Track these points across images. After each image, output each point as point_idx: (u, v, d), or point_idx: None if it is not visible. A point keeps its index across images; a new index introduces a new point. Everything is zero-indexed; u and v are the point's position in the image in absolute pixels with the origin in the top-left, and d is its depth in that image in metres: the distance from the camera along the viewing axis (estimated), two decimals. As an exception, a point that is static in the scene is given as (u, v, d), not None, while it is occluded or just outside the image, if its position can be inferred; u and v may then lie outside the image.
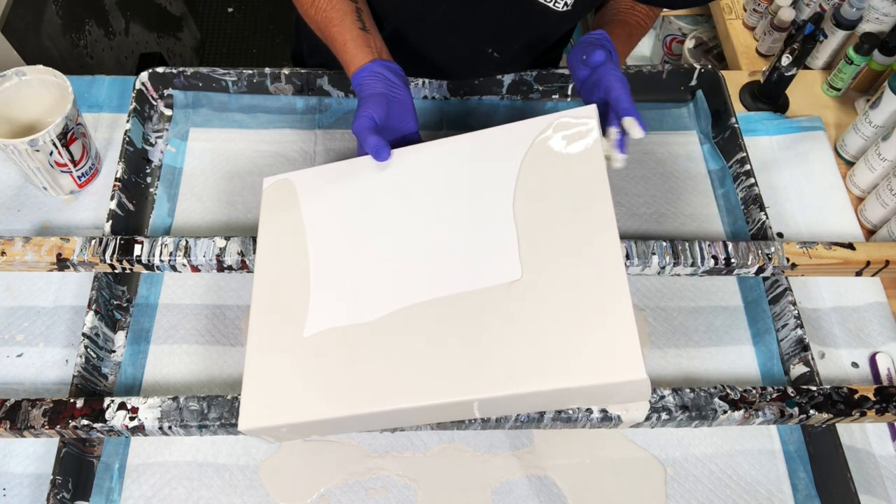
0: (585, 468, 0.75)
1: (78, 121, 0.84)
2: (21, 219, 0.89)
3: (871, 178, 0.93)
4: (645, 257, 0.78)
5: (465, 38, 0.88)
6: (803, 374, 0.78)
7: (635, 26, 0.86)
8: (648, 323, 0.84)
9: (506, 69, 0.95)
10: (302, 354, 0.65)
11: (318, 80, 0.96)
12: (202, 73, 0.95)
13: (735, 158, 0.93)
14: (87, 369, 0.75)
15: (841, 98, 1.07)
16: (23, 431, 0.68)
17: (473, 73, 0.95)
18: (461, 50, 0.91)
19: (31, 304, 0.83)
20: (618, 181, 0.95)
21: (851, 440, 0.77)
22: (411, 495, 0.73)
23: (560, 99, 1.00)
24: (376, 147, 0.71)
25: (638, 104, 0.99)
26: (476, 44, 0.89)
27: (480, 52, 0.90)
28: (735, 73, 1.10)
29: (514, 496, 0.73)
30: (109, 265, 0.77)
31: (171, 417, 0.68)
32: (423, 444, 0.75)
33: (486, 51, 0.89)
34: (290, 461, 0.74)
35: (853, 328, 0.85)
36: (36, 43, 1.33)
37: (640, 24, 0.87)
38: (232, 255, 0.77)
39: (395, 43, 0.81)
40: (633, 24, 0.86)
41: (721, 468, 0.76)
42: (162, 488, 0.72)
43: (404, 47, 0.85)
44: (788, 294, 0.81)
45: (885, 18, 1.03)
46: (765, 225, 0.86)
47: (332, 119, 0.98)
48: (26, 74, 0.85)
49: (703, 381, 0.81)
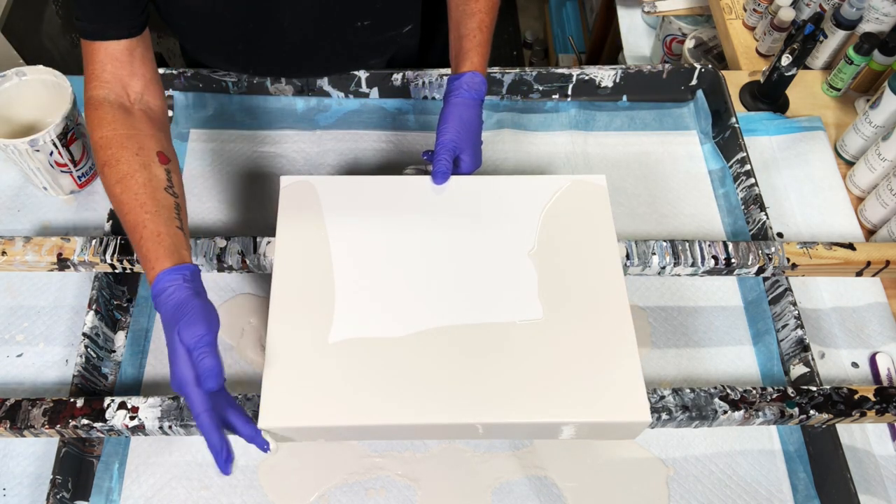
0: (585, 468, 0.75)
1: (78, 121, 0.85)
2: (21, 219, 0.89)
3: (871, 178, 0.93)
4: (645, 257, 0.78)
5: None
6: (803, 374, 0.78)
7: (478, 13, 0.79)
8: (649, 323, 0.84)
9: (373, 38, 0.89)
10: (326, 359, 0.66)
11: (318, 80, 0.96)
12: (202, 74, 0.95)
13: (735, 158, 0.93)
14: (88, 369, 0.75)
15: (841, 98, 1.07)
16: (23, 431, 0.68)
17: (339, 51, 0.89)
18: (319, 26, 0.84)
19: (31, 304, 0.83)
20: (618, 181, 0.95)
21: (851, 440, 0.77)
22: (411, 495, 0.73)
23: (560, 99, 1.00)
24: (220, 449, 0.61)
25: (638, 104, 1.00)
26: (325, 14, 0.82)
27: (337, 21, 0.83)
28: (735, 73, 1.10)
29: (514, 496, 0.73)
30: (110, 265, 0.77)
31: (171, 417, 0.68)
32: (423, 443, 0.75)
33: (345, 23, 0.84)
34: (289, 461, 0.74)
35: (853, 328, 0.85)
36: (36, 43, 1.34)
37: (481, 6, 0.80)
38: (232, 255, 0.77)
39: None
40: (476, 11, 0.79)
41: (721, 468, 0.76)
42: (162, 488, 0.72)
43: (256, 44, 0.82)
44: (788, 294, 0.81)
45: (885, 18, 1.03)
46: (765, 225, 0.86)
47: (332, 119, 0.98)
48: (26, 74, 0.85)
49: (703, 381, 0.81)
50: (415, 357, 0.67)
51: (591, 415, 0.64)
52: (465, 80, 0.76)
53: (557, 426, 0.66)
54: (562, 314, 0.69)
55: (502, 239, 0.74)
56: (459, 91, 0.76)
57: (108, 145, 0.67)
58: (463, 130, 0.76)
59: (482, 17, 0.79)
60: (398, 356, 0.67)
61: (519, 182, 0.78)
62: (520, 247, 0.73)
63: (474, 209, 0.76)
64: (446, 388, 0.65)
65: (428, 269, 0.72)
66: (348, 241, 0.73)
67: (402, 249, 0.73)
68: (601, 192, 0.78)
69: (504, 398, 0.65)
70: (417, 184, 0.77)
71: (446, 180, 0.76)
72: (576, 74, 0.99)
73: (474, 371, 0.66)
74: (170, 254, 0.63)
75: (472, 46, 0.78)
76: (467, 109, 0.76)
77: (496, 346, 0.67)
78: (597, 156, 0.97)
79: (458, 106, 0.76)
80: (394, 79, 0.97)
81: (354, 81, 0.97)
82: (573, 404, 0.65)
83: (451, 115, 0.76)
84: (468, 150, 0.77)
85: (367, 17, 0.84)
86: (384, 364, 0.66)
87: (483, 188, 0.77)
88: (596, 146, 0.98)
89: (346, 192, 0.77)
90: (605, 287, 0.71)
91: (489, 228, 0.75)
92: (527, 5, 2.62)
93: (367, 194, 0.77)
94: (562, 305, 0.70)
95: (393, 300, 0.70)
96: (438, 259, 0.73)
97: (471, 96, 0.76)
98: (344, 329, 0.68)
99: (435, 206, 0.76)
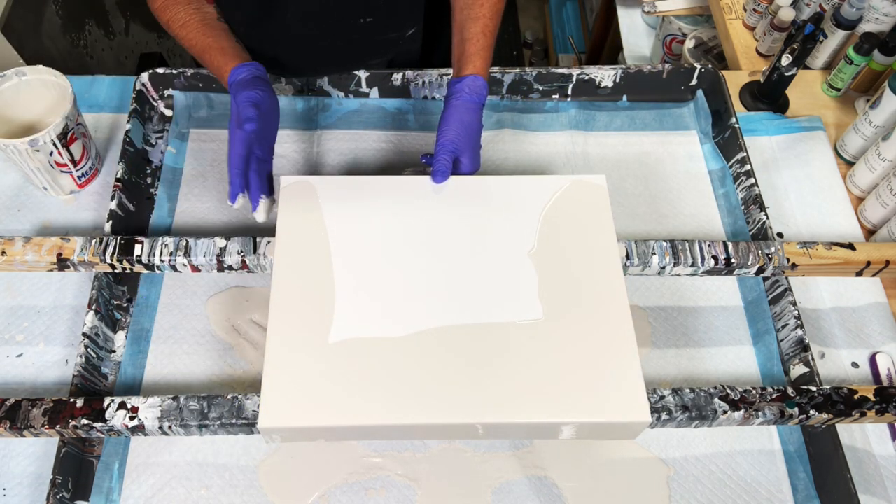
0: (585, 468, 0.75)
1: (78, 121, 0.85)
2: (21, 219, 0.89)
3: (871, 178, 0.93)
4: (645, 257, 0.78)
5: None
6: (803, 374, 0.78)
7: (482, 17, 0.80)
8: (649, 323, 0.84)
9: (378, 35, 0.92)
10: (326, 359, 0.66)
11: (318, 80, 0.96)
12: (202, 74, 0.95)
13: (735, 158, 0.93)
14: (87, 369, 0.75)
15: (841, 98, 1.07)
16: (23, 431, 0.68)
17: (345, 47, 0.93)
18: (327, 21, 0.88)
19: (31, 304, 0.83)
20: (618, 181, 0.95)
21: (851, 440, 0.77)
22: (411, 495, 0.73)
23: (560, 99, 1.00)
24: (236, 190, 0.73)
25: (638, 104, 1.00)
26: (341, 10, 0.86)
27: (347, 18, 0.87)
28: (735, 73, 1.10)
29: (514, 496, 0.73)
30: (109, 265, 0.77)
31: (171, 417, 0.68)
32: (423, 443, 0.75)
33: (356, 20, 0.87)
34: (289, 461, 0.74)
35: (853, 328, 0.85)
36: (36, 43, 1.33)
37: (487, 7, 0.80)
38: (232, 255, 0.77)
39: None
40: (481, 16, 0.80)
41: (721, 468, 0.76)
42: (162, 488, 0.72)
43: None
44: (788, 294, 0.81)
45: (885, 18, 1.03)
46: (765, 225, 0.86)
47: (332, 119, 0.98)
48: (26, 74, 0.85)
49: (703, 381, 0.81)
50: (415, 357, 0.67)
51: (591, 415, 0.64)
52: (467, 84, 0.76)
53: (557, 426, 0.66)
54: (562, 314, 0.70)
55: (502, 239, 0.74)
56: (461, 94, 0.76)
57: (166, 7, 0.82)
58: (463, 133, 0.76)
59: (486, 22, 0.79)
60: (398, 356, 0.67)
61: (519, 182, 0.78)
62: (520, 247, 0.74)
63: (474, 209, 0.76)
64: (446, 388, 0.65)
65: (428, 269, 0.72)
66: (348, 240, 0.73)
67: (402, 249, 0.73)
68: (601, 192, 0.78)
69: (504, 398, 0.65)
70: (417, 184, 0.77)
71: (445, 179, 0.76)
72: (576, 74, 0.99)
73: (474, 371, 0.66)
74: (239, 57, 0.78)
75: (475, 50, 0.78)
76: (468, 113, 0.76)
77: (496, 346, 0.68)
78: (597, 156, 0.97)
79: (458, 109, 0.76)
80: (394, 79, 0.97)
81: (354, 81, 0.97)
82: (573, 404, 0.65)
83: (452, 117, 0.76)
84: (468, 153, 0.77)
85: (369, 14, 0.85)
86: (384, 364, 0.66)
87: (483, 188, 0.77)
88: (596, 146, 0.98)
89: (346, 192, 0.77)
90: (605, 287, 0.71)
91: (489, 228, 0.75)
92: (527, 5, 2.62)
93: (367, 194, 0.77)
94: (562, 305, 0.70)
95: (393, 300, 0.70)
96: (438, 259, 0.73)
97: (472, 100, 0.76)
98: (344, 329, 0.68)
99: (435, 206, 0.76)
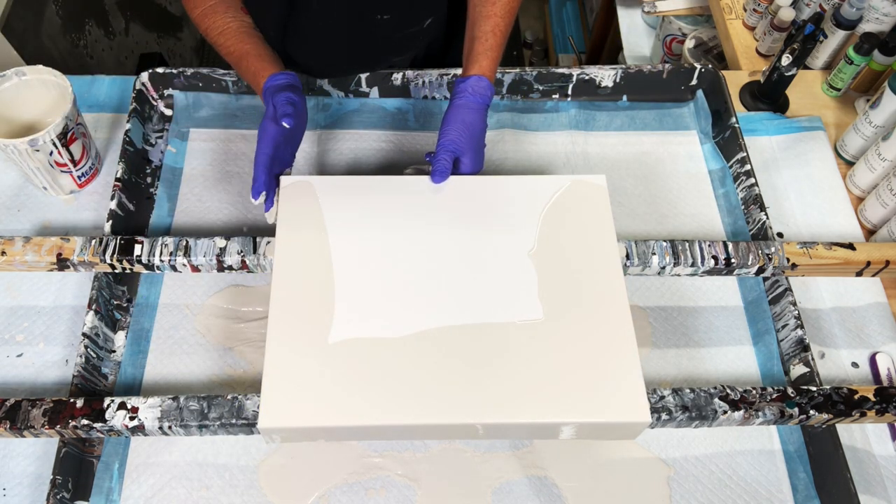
0: (585, 468, 0.75)
1: (78, 121, 0.84)
2: (21, 219, 0.89)
3: (871, 178, 0.93)
4: (645, 257, 0.78)
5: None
6: (803, 374, 0.78)
7: (494, 16, 0.80)
8: (649, 323, 0.84)
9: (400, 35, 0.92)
10: (326, 360, 0.66)
11: (318, 80, 0.96)
12: (202, 74, 0.95)
13: (735, 158, 0.93)
14: (87, 369, 0.75)
15: (841, 98, 1.07)
16: (23, 431, 0.68)
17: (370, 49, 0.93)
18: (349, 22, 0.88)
19: (31, 304, 0.83)
20: (618, 181, 0.95)
21: (851, 440, 0.77)
22: (411, 495, 0.73)
23: (560, 99, 1.00)
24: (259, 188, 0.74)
25: (638, 104, 1.00)
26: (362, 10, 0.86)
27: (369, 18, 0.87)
28: (735, 73, 1.10)
29: (514, 496, 0.73)
30: (109, 265, 0.77)
31: (171, 417, 0.68)
32: (423, 443, 0.75)
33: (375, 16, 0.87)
34: (289, 461, 0.74)
35: (853, 328, 0.85)
36: (36, 43, 1.33)
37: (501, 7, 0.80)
38: (232, 255, 0.77)
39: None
40: (492, 14, 0.80)
41: (721, 468, 0.76)
42: (162, 488, 0.72)
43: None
44: (788, 294, 0.81)
45: (885, 18, 1.03)
46: (765, 225, 0.86)
47: (332, 119, 0.98)
48: (26, 74, 0.85)
49: (703, 381, 0.81)
50: (415, 357, 0.67)
51: (591, 415, 0.64)
52: (471, 84, 0.76)
53: (557, 426, 0.66)
54: (562, 314, 0.70)
55: (502, 239, 0.74)
56: (464, 94, 0.76)
57: (205, 15, 0.83)
58: (465, 133, 0.76)
59: (497, 21, 0.79)
60: (398, 356, 0.67)
61: (519, 182, 0.78)
62: (520, 247, 0.74)
63: (474, 209, 0.76)
64: (446, 388, 0.65)
65: (428, 269, 0.72)
66: (348, 241, 0.73)
67: (402, 249, 0.73)
68: (601, 192, 0.78)
69: (504, 398, 0.65)
70: (417, 184, 0.77)
71: (445, 179, 0.76)
72: (576, 74, 0.99)
73: (474, 371, 0.66)
74: (277, 65, 0.80)
75: (483, 50, 0.78)
76: (470, 113, 0.76)
77: (496, 346, 0.68)
78: (597, 156, 0.97)
79: (460, 109, 0.76)
80: (394, 78, 0.97)
81: (354, 81, 0.97)
82: (573, 404, 0.65)
83: (454, 117, 0.76)
84: (469, 153, 0.77)
85: (388, 10, 0.86)
86: (384, 364, 0.66)
87: (483, 188, 0.77)
88: (596, 146, 0.98)
89: (346, 192, 0.77)
90: (605, 287, 0.71)
91: (489, 228, 0.75)
92: (527, 5, 2.62)
93: (367, 194, 0.77)
94: (562, 305, 0.70)
95: (393, 300, 0.70)
96: (438, 259, 0.73)
97: (475, 100, 0.76)
98: (344, 329, 0.68)
99: (435, 206, 0.76)
